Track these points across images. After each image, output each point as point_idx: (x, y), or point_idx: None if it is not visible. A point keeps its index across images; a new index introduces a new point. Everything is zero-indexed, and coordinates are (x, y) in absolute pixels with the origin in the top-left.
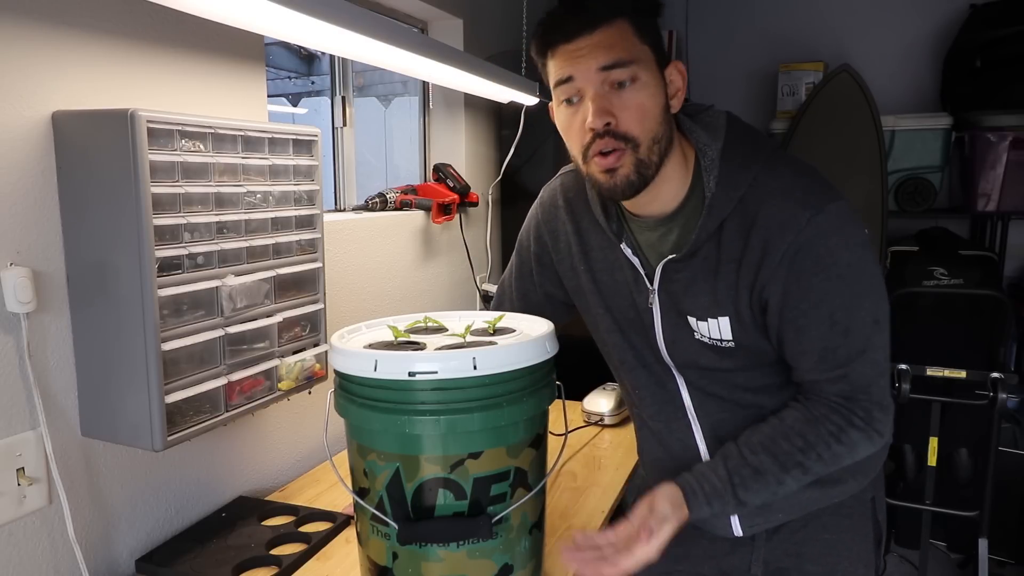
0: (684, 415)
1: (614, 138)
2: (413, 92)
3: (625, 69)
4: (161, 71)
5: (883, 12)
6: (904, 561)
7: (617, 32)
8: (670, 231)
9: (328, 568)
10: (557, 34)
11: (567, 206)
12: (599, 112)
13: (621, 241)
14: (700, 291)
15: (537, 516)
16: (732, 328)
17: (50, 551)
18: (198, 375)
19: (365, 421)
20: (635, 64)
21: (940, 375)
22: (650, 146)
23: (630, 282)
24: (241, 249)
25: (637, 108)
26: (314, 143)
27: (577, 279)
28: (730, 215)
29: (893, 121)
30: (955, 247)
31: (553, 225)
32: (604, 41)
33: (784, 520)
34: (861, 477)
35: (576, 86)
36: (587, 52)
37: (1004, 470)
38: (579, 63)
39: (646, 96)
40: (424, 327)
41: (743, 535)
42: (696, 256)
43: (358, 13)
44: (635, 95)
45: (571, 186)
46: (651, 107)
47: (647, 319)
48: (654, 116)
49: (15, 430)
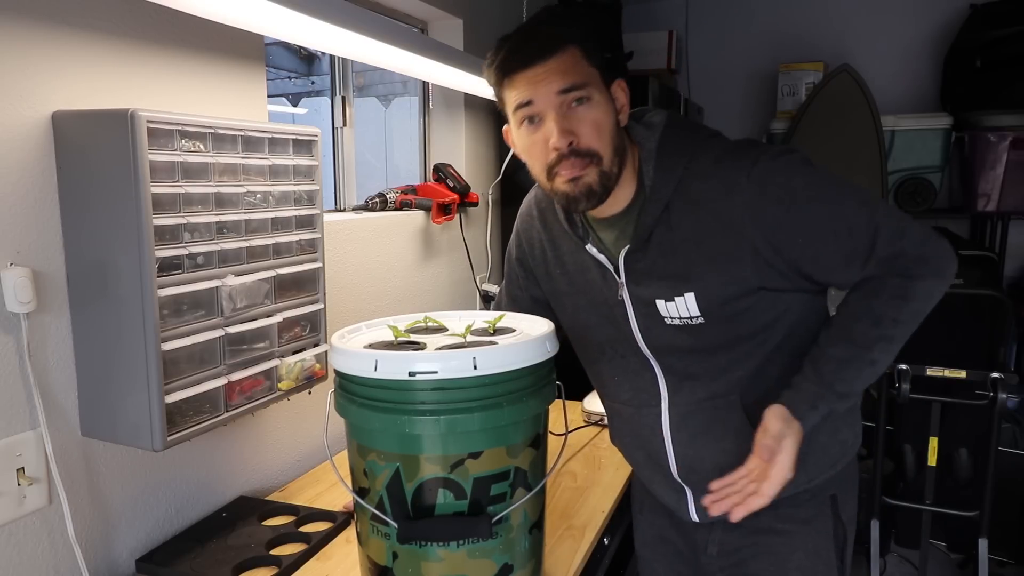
0: (657, 403)
1: (578, 156)
2: (413, 92)
3: (581, 90)
4: (161, 71)
5: (883, 12)
6: (904, 561)
7: (570, 58)
8: (627, 225)
9: (328, 568)
10: (514, 62)
11: (540, 216)
12: (562, 132)
13: (587, 243)
14: (662, 274)
15: (537, 516)
16: (698, 302)
17: (50, 551)
18: (198, 375)
19: (365, 421)
20: (588, 86)
21: (940, 375)
22: (611, 158)
23: (599, 280)
24: (241, 249)
25: (593, 124)
26: (314, 143)
27: (553, 282)
28: (673, 197)
29: (893, 121)
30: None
31: (529, 234)
32: (559, 67)
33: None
34: (813, 470)
35: (536, 109)
36: (544, 77)
37: (1004, 470)
38: (538, 87)
39: (600, 113)
40: (424, 327)
41: (699, 521)
42: (651, 242)
43: (358, 13)
44: (590, 112)
45: (543, 197)
46: (605, 122)
47: (620, 312)
48: (608, 130)
49: (15, 430)
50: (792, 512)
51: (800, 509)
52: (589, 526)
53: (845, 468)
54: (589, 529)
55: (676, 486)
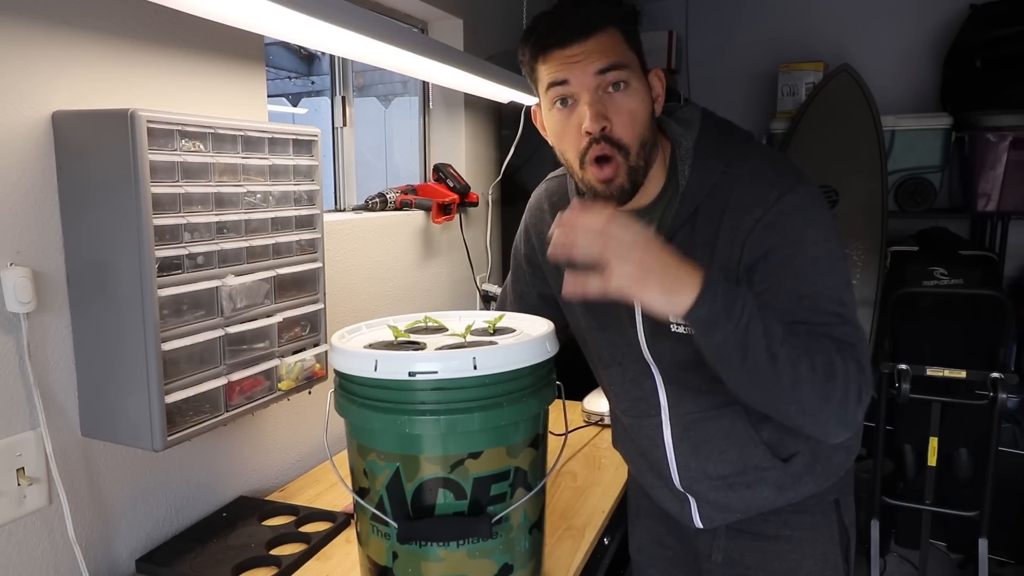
0: (657, 412)
1: (608, 143)
2: (413, 92)
3: (619, 72)
4: (161, 71)
5: (883, 12)
6: (904, 561)
7: (610, 39)
8: (649, 222)
9: (328, 568)
10: (551, 39)
11: (552, 209)
12: (596, 116)
13: None
14: None
15: (537, 516)
16: None
17: (50, 551)
18: (198, 375)
19: (365, 421)
20: (627, 68)
21: (940, 375)
22: (639, 152)
23: None
24: (241, 249)
25: (629, 114)
26: (314, 143)
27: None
28: (704, 201)
29: (893, 121)
30: (955, 247)
31: (540, 228)
32: (598, 47)
33: (741, 517)
34: (821, 478)
35: (571, 89)
36: (583, 57)
37: (1004, 470)
38: (575, 67)
39: (636, 102)
40: (424, 327)
41: (703, 527)
42: (672, 242)
43: (358, 13)
44: (627, 100)
45: (555, 190)
46: (640, 112)
47: (629, 315)
48: (643, 121)
49: (15, 430)
50: (799, 518)
51: (806, 515)
52: (589, 526)
53: (847, 472)
54: (589, 529)
55: (679, 495)
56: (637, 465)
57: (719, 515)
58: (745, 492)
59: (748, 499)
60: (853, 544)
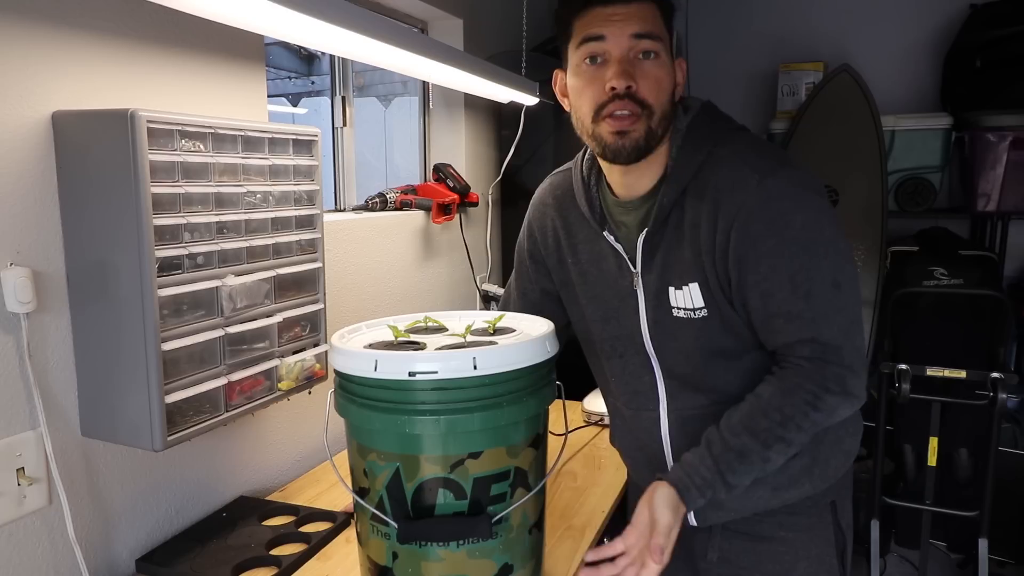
0: (656, 407)
1: (632, 101)
2: (413, 92)
3: (654, 41)
4: (161, 71)
5: (883, 12)
6: (904, 561)
7: (649, 10)
8: (650, 210)
9: (328, 568)
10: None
11: (555, 203)
12: (623, 74)
13: (604, 230)
14: (675, 259)
15: (537, 516)
16: (702, 294)
17: (50, 551)
18: (198, 375)
19: (365, 421)
20: (660, 42)
21: (940, 375)
22: (660, 118)
23: (614, 269)
24: (241, 249)
25: (656, 80)
26: (314, 143)
27: (565, 272)
28: (691, 183)
29: (893, 121)
30: (955, 247)
31: (543, 222)
32: (638, 13)
33: (736, 516)
34: (818, 481)
35: (604, 46)
36: (622, 18)
37: (1004, 470)
38: (613, 26)
39: (664, 72)
40: (424, 327)
41: (698, 525)
42: (667, 225)
43: (358, 13)
44: (655, 68)
45: (559, 185)
46: (666, 83)
47: (631, 304)
48: (667, 91)
49: (15, 430)
50: (794, 520)
51: (802, 517)
52: (589, 526)
53: (845, 475)
54: (589, 529)
55: None
56: (635, 460)
57: (714, 513)
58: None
59: (743, 498)
60: (850, 547)
